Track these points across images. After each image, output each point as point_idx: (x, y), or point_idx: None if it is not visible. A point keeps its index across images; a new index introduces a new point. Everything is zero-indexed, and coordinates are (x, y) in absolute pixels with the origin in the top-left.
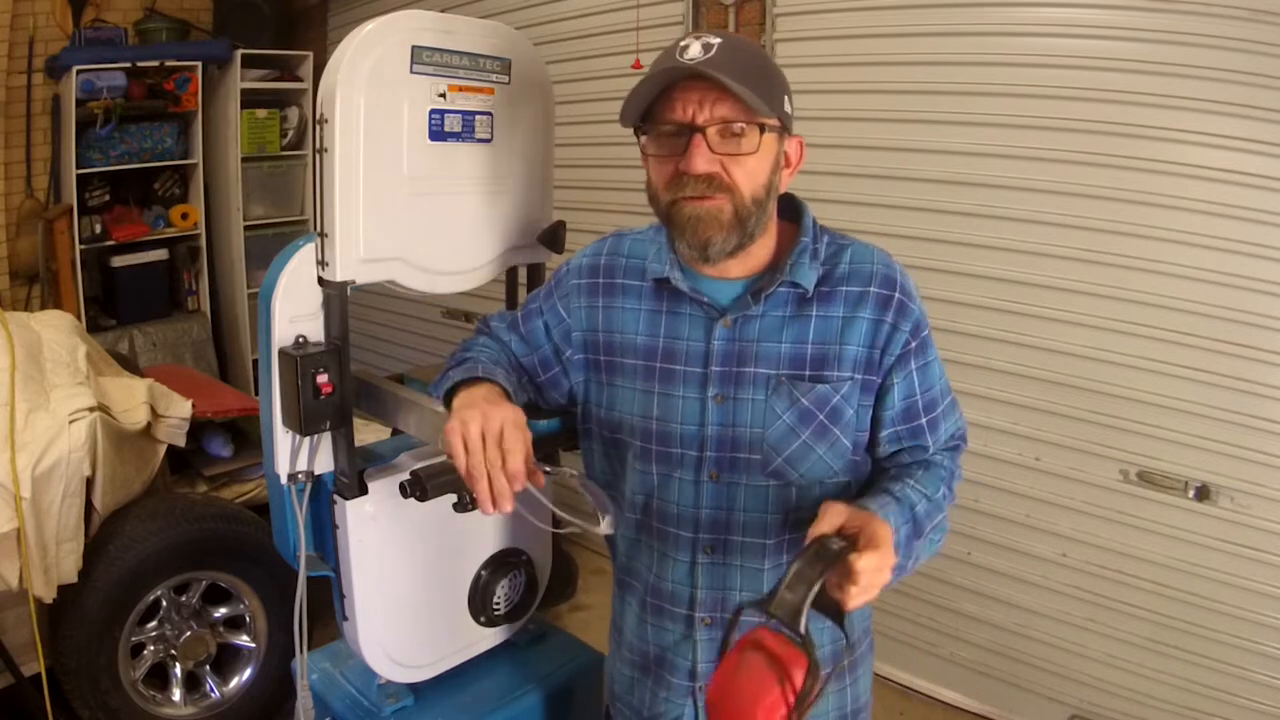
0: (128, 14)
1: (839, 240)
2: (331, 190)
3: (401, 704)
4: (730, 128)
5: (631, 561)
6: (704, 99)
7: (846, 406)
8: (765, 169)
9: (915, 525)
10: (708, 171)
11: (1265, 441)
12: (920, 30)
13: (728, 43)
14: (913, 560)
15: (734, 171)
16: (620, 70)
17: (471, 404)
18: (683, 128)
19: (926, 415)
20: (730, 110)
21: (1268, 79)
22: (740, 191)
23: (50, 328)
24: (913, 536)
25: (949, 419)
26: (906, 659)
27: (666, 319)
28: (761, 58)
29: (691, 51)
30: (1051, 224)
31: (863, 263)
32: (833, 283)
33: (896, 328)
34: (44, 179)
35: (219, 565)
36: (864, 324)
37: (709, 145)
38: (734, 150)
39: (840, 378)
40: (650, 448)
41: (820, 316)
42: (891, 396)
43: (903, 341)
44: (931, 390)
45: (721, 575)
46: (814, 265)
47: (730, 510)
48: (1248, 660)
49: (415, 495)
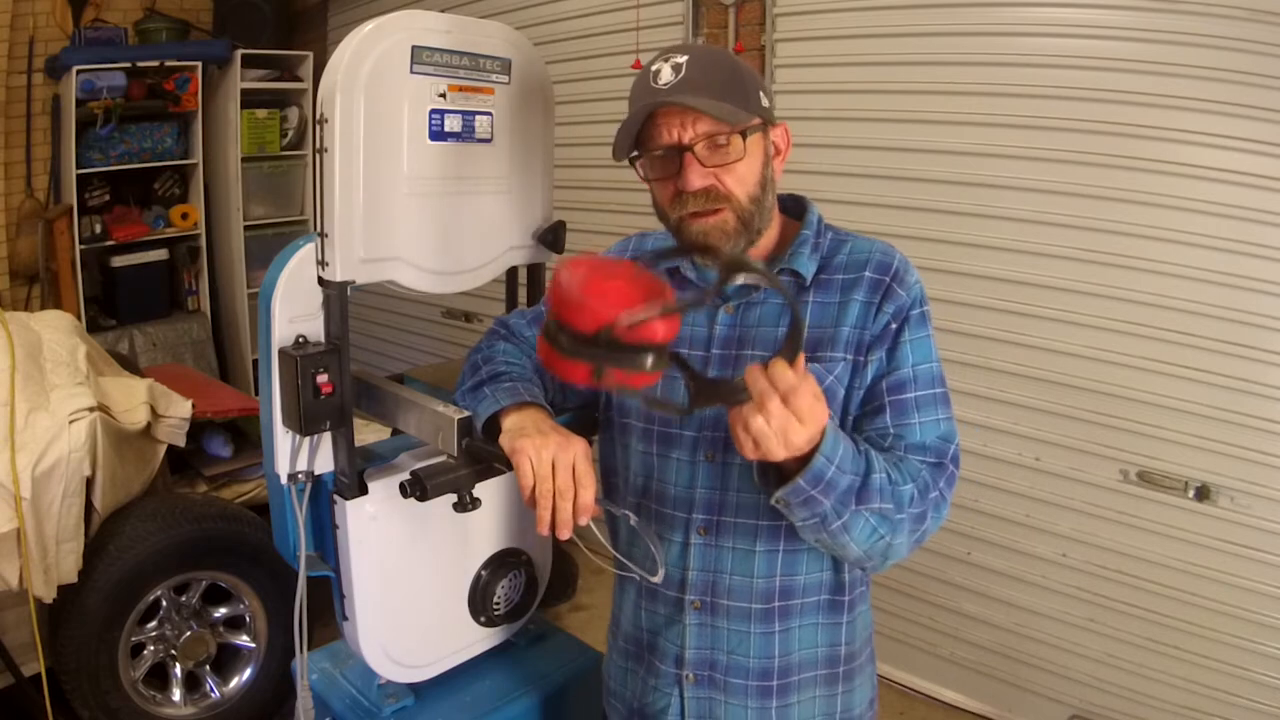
0: (128, 14)
1: (842, 235)
2: (331, 190)
3: (401, 704)
4: (715, 140)
5: (631, 549)
6: (684, 119)
7: (839, 387)
8: (756, 169)
9: (864, 488)
10: (703, 186)
11: (1265, 441)
12: (920, 30)
13: (694, 58)
14: (841, 525)
15: (727, 180)
16: (620, 70)
17: (538, 430)
18: (671, 149)
19: (890, 395)
20: (711, 124)
21: (1268, 79)
22: (737, 197)
23: (50, 328)
24: (854, 498)
25: (925, 412)
26: (907, 659)
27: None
28: (729, 63)
29: (664, 76)
30: (1051, 224)
31: (861, 253)
32: (830, 271)
33: (880, 309)
34: (44, 179)
35: (219, 565)
36: (856, 306)
37: (699, 161)
38: (723, 160)
39: (833, 358)
40: (652, 428)
41: (817, 303)
42: (863, 375)
43: (883, 323)
44: (900, 371)
45: (714, 557)
46: (813, 256)
47: (724, 490)
48: (1248, 660)
49: (415, 495)
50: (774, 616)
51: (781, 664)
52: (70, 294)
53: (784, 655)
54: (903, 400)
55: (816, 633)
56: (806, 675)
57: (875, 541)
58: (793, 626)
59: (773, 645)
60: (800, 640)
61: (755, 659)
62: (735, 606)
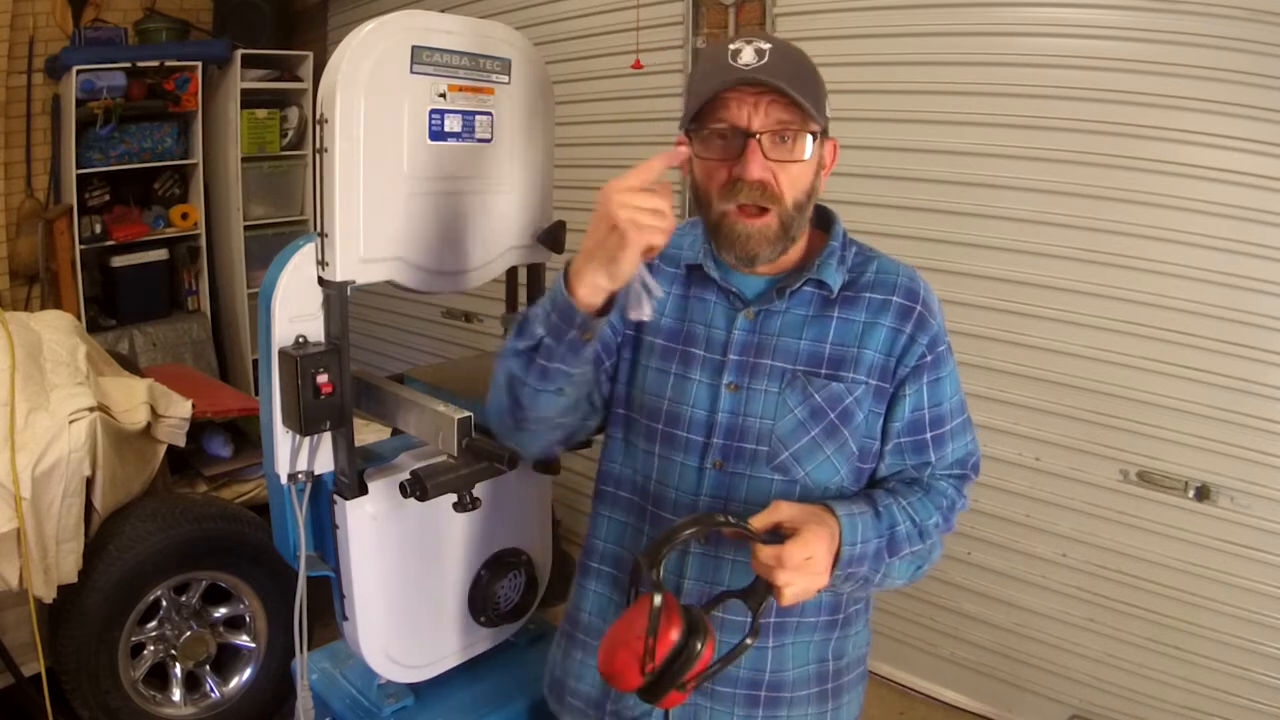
0: (128, 14)
1: (866, 251)
2: (331, 190)
3: (401, 704)
4: (783, 134)
5: (619, 547)
6: (759, 103)
7: (858, 410)
8: (809, 174)
9: (892, 542)
10: (761, 178)
11: (1265, 441)
12: (920, 30)
13: (778, 48)
14: (882, 576)
15: (782, 179)
16: (620, 70)
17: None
18: (737, 131)
19: (932, 430)
20: (785, 114)
21: (1268, 79)
22: (785, 201)
23: (50, 328)
24: (885, 552)
25: (958, 440)
26: (907, 659)
27: (692, 304)
28: (808, 63)
29: (745, 56)
30: (1051, 224)
31: (889, 274)
32: (858, 289)
33: (914, 340)
34: (44, 179)
35: (219, 565)
36: (884, 331)
37: (764, 151)
38: (785, 157)
39: (855, 380)
40: (657, 427)
41: (842, 319)
42: (901, 408)
43: (918, 354)
44: (940, 406)
45: (712, 568)
46: (840, 269)
47: (729, 501)
48: (1248, 660)
49: (415, 495)
50: (769, 632)
51: (773, 678)
52: (70, 294)
53: (776, 670)
54: (942, 434)
55: (809, 650)
56: (800, 693)
57: (914, 573)
58: (787, 643)
59: (765, 659)
60: (794, 656)
61: (745, 670)
62: (729, 620)
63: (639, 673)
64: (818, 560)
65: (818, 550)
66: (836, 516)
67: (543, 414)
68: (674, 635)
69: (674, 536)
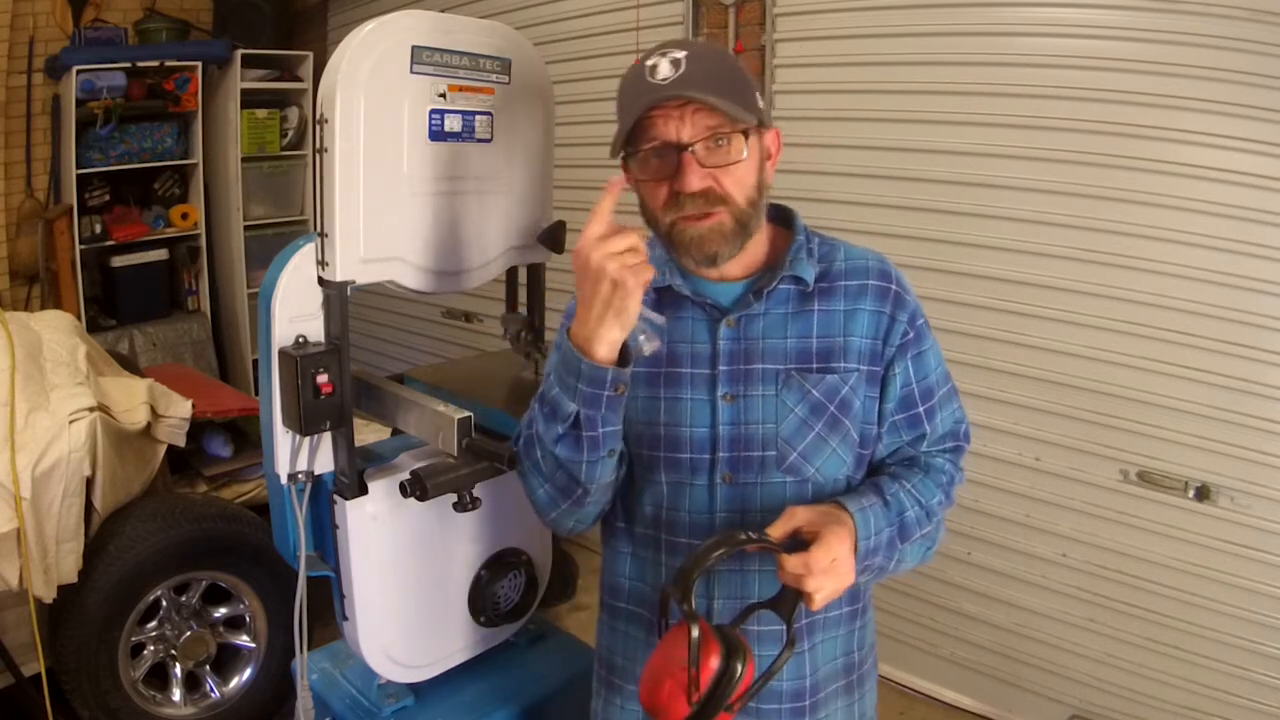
0: (128, 14)
1: (830, 241)
2: (331, 190)
3: (401, 704)
4: (716, 139)
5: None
6: (684, 114)
7: (855, 398)
8: (753, 171)
9: (902, 529)
10: (702, 188)
11: (1265, 441)
12: (920, 30)
13: (694, 54)
14: (895, 563)
15: (726, 182)
16: (620, 70)
17: None
18: (669, 147)
19: (923, 403)
20: (712, 119)
21: (1268, 79)
22: (735, 200)
23: (50, 328)
24: (898, 539)
25: (947, 408)
26: (907, 659)
27: (670, 325)
28: (729, 62)
29: (662, 71)
30: (1051, 224)
31: (858, 259)
32: (831, 278)
33: (895, 319)
34: (44, 179)
35: (219, 565)
36: (865, 315)
37: (699, 161)
38: (723, 161)
39: (848, 369)
40: (658, 455)
41: (823, 311)
42: (892, 387)
43: (901, 332)
44: (927, 378)
45: (739, 583)
46: (811, 262)
47: (745, 512)
48: (1248, 660)
49: (415, 495)
50: (802, 635)
51: (811, 682)
52: (70, 294)
53: (813, 673)
54: (931, 406)
55: (837, 644)
56: (831, 688)
57: (925, 553)
58: (818, 642)
59: (803, 665)
60: (824, 654)
61: (788, 681)
62: (765, 631)
63: (685, 703)
64: (842, 561)
65: (840, 551)
66: (849, 512)
67: (603, 480)
68: (714, 662)
69: (700, 563)
